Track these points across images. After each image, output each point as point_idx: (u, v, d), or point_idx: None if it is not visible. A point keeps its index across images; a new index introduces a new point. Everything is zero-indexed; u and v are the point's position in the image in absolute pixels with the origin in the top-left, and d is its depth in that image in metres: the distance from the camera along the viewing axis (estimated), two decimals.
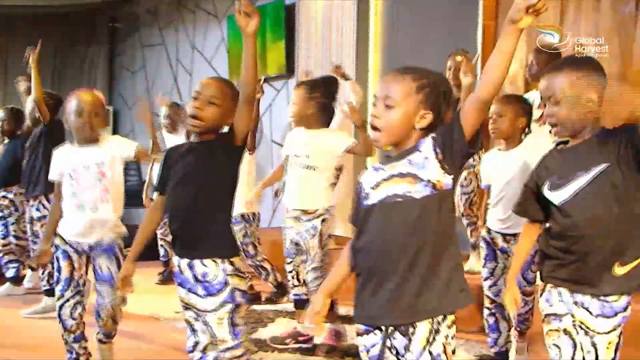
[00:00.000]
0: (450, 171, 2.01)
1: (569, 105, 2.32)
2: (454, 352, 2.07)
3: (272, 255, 6.32)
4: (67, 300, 3.34)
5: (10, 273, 5.74)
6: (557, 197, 2.38)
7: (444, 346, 2.03)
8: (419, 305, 2.02)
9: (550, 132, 2.69)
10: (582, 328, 2.33)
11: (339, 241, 5.91)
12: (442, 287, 2.02)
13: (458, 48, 5.56)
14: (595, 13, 5.16)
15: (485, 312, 3.56)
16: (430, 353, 2.02)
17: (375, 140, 2.09)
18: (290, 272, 4.14)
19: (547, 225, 2.47)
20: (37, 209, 5.05)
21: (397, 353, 2.06)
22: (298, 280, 4.13)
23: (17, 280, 5.78)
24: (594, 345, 2.30)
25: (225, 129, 2.71)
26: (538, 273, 2.52)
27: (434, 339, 2.02)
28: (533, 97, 4.27)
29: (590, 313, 2.32)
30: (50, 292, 4.84)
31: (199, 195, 2.67)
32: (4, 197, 5.73)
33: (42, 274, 5.08)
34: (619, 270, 2.29)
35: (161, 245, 6.35)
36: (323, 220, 3.98)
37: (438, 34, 6.44)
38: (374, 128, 2.07)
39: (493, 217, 3.52)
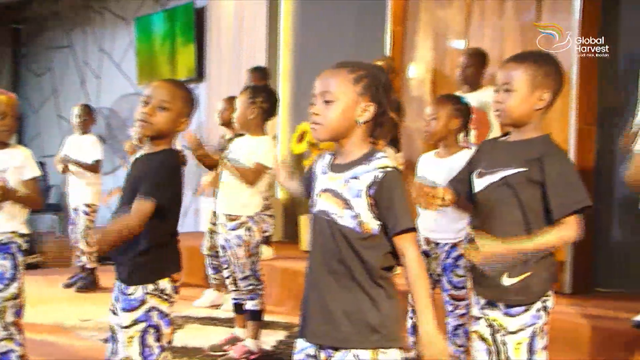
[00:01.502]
0: (378, 218, 1.97)
1: (519, 97, 2.30)
2: None
3: (191, 263, 6.10)
4: None
5: None
6: (477, 184, 2.39)
7: None
8: (321, 329, 2.00)
9: None
10: (493, 327, 2.32)
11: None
12: (345, 321, 1.97)
13: (383, 54, 5.69)
14: (499, 18, 5.30)
15: (409, 313, 3.54)
16: None
17: (316, 136, 2.04)
18: (228, 277, 4.10)
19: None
20: None
21: None
22: (235, 285, 4.06)
23: None
24: (504, 344, 2.30)
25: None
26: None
27: None
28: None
29: (500, 310, 2.32)
30: None
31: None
32: None
33: None
34: (506, 281, 2.29)
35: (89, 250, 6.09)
36: (248, 229, 3.92)
37: (348, 36, 6.51)
38: (315, 124, 2.03)
39: (421, 221, 3.44)
